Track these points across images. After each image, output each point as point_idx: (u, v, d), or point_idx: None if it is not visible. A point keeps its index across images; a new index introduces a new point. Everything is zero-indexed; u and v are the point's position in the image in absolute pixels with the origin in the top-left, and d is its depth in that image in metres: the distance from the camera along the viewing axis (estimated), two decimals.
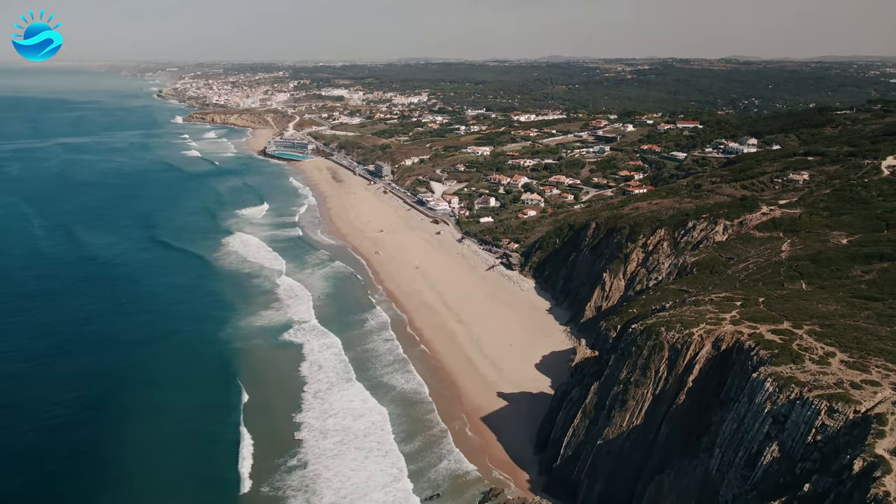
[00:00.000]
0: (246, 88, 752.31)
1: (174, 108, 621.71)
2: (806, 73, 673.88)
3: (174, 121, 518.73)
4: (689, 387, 74.84)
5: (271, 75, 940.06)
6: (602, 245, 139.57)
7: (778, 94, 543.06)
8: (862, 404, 56.81)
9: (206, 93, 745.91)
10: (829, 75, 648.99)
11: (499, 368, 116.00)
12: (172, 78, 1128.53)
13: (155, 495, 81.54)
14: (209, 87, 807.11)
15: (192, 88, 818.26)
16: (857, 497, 48.96)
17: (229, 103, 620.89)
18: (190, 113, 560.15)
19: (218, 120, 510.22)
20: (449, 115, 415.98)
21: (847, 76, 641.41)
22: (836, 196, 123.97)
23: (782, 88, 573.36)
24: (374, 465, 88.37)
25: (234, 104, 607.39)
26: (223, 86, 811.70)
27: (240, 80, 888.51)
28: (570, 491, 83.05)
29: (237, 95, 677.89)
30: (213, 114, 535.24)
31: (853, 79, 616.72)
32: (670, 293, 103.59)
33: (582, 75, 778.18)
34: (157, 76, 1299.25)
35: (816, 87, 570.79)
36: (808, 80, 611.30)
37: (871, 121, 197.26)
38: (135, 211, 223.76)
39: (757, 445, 62.34)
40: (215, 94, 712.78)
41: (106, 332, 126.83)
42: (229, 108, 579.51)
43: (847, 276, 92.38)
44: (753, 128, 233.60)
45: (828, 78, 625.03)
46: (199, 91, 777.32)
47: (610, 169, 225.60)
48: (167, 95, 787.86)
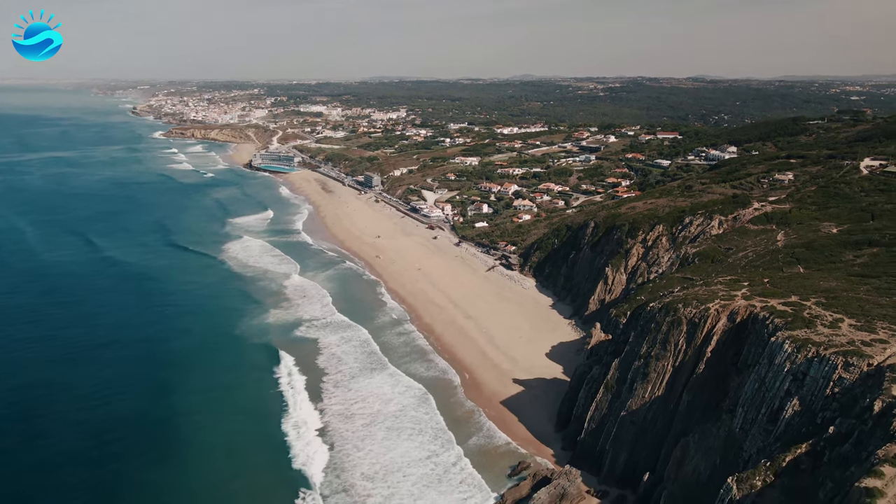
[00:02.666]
0: (223, 105, 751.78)
1: (151, 125, 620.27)
2: (771, 91, 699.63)
3: (153, 136, 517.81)
4: (708, 357, 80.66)
5: (246, 92, 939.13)
6: (602, 242, 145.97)
7: (746, 109, 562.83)
8: (874, 358, 62.94)
9: (182, 109, 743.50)
10: (792, 93, 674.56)
11: (511, 358, 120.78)
12: (145, 95, 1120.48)
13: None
14: (185, 104, 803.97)
15: (168, 105, 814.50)
16: (880, 433, 54.74)
17: (207, 119, 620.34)
18: (169, 129, 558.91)
19: (198, 135, 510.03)
20: (432, 128, 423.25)
21: (810, 93, 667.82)
22: (821, 192, 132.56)
23: (750, 105, 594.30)
24: (407, 443, 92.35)
25: (212, 120, 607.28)
26: (199, 102, 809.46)
27: (215, 97, 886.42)
28: (595, 462, 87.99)
29: (215, 112, 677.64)
30: (193, 129, 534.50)
31: (816, 96, 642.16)
32: (676, 280, 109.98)
33: (556, 93, 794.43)
34: (128, 94, 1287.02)
35: (782, 103, 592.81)
36: (773, 97, 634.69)
37: (843, 129, 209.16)
38: (147, 219, 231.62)
39: (778, 402, 68.00)
40: (192, 111, 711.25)
41: (146, 327, 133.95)
42: (208, 123, 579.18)
43: (840, 261, 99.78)
44: (732, 136, 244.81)
45: (792, 95, 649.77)
46: (175, 108, 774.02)
47: (597, 176, 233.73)
48: (142, 112, 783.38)
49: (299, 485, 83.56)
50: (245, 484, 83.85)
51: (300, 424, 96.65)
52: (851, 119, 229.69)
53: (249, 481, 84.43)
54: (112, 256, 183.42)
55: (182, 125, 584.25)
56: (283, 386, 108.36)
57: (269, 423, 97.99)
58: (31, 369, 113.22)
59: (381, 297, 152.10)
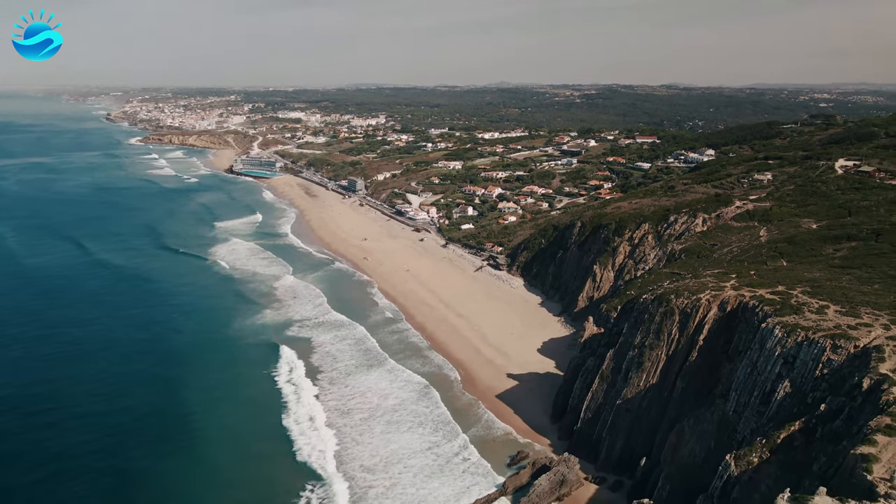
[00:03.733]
0: (199, 111, 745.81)
1: (127, 131, 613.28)
2: (742, 98, 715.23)
3: (130, 142, 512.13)
4: (700, 345, 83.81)
5: (223, 99, 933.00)
6: (589, 241, 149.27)
7: (719, 116, 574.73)
8: (860, 340, 66.52)
9: (158, 116, 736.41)
10: (763, 100, 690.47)
11: (505, 354, 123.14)
12: (118, 102, 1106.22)
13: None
14: (160, 111, 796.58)
15: (143, 112, 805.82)
16: (869, 408, 58.04)
17: (184, 125, 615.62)
18: (146, 135, 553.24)
19: (176, 141, 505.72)
20: (413, 133, 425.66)
21: (780, 100, 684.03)
22: (800, 191, 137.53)
23: (723, 111, 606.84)
24: (408, 435, 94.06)
25: (189, 126, 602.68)
26: (175, 109, 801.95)
27: (191, 103, 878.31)
28: (592, 449, 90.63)
29: (192, 118, 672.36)
30: (171, 135, 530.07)
31: (786, 103, 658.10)
32: (664, 275, 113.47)
33: (533, 99, 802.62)
34: (100, 100, 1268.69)
35: (754, 110, 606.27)
36: (745, 104, 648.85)
37: (816, 132, 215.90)
38: (135, 223, 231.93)
39: (770, 385, 71.24)
40: (168, 117, 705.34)
41: (145, 328, 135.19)
42: (185, 129, 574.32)
43: (821, 254, 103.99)
44: (709, 140, 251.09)
45: (763, 102, 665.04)
46: (151, 114, 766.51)
47: (580, 179, 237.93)
48: (117, 119, 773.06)
49: (307, 477, 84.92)
50: (253, 476, 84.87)
51: (302, 420, 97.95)
52: (823, 123, 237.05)
53: (257, 473, 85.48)
54: (105, 259, 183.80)
55: (159, 131, 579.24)
56: (282, 383, 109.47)
57: (270, 419, 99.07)
58: (38, 367, 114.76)
59: (373, 297, 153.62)
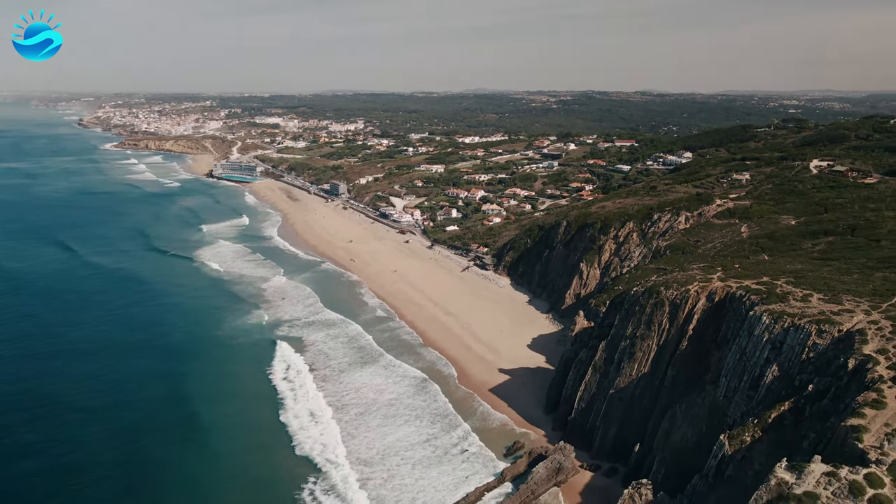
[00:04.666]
0: (175, 117, 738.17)
1: (101, 136, 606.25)
2: (714, 104, 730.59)
3: (105, 147, 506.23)
4: (690, 335, 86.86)
5: (198, 104, 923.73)
6: (575, 240, 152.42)
7: (693, 121, 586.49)
8: (844, 325, 69.92)
9: (132, 121, 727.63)
10: (734, 106, 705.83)
11: (495, 350, 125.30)
12: (90, 108, 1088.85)
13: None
14: (135, 116, 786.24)
15: (117, 117, 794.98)
16: (854, 386, 61.25)
17: (160, 131, 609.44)
18: (121, 140, 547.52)
19: (153, 146, 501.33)
20: (394, 138, 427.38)
21: (751, 106, 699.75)
22: (777, 189, 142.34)
23: (696, 117, 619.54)
24: (406, 427, 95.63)
25: (165, 132, 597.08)
26: (150, 114, 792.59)
27: (166, 108, 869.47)
28: (586, 438, 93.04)
29: (167, 123, 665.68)
30: (147, 140, 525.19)
31: (756, 109, 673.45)
32: (651, 271, 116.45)
33: (510, 105, 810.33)
34: (71, 106, 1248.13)
35: (726, 115, 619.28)
36: (717, 110, 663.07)
37: (789, 135, 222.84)
38: (122, 226, 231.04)
39: (759, 369, 74.36)
40: (143, 123, 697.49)
41: (144, 328, 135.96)
42: (162, 135, 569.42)
43: (801, 248, 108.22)
44: (686, 143, 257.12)
45: (734, 108, 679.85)
46: (125, 119, 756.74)
47: (562, 181, 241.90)
48: (89, 124, 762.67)
49: (308, 470, 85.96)
50: (253, 471, 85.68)
51: (300, 414, 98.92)
52: (795, 127, 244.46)
53: (257, 468, 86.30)
54: (96, 262, 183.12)
55: (134, 136, 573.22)
56: (278, 380, 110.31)
57: (268, 415, 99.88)
58: (38, 365, 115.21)
59: (362, 297, 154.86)
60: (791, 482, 47.00)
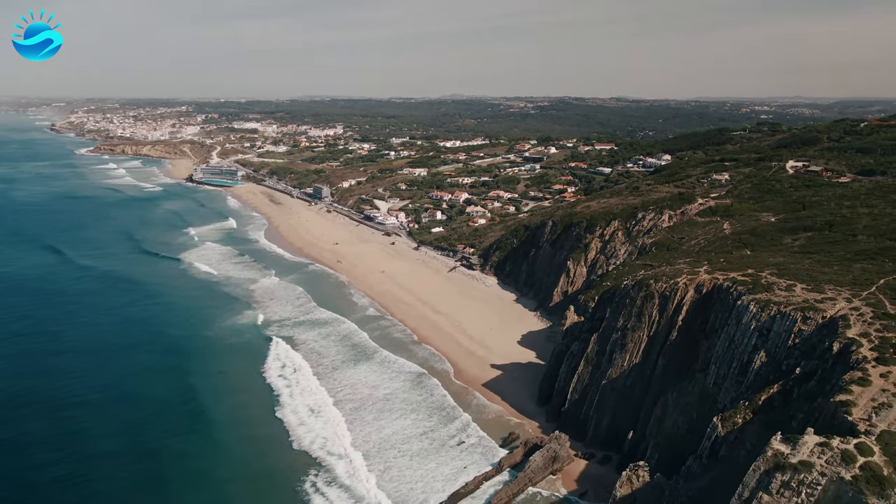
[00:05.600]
0: (151, 122, 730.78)
1: (75, 141, 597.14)
2: (689, 110, 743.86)
3: (80, 152, 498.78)
4: (679, 325, 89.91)
5: (174, 110, 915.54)
6: (561, 239, 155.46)
7: (668, 126, 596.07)
8: (827, 312, 73.38)
9: (107, 126, 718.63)
10: (708, 112, 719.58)
11: (486, 346, 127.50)
12: (61, 113, 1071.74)
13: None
14: (109, 121, 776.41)
15: (91, 122, 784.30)
16: (840, 368, 64.50)
17: (136, 136, 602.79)
18: (96, 145, 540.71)
19: (129, 151, 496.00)
20: (375, 142, 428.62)
21: (724, 112, 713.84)
22: (756, 189, 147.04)
23: (671, 122, 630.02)
24: (403, 420, 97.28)
25: (141, 137, 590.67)
26: (125, 119, 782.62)
27: (141, 114, 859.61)
28: (580, 428, 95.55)
29: (143, 128, 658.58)
30: (123, 145, 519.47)
31: (729, 114, 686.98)
32: (637, 267, 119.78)
33: (488, 111, 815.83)
34: (42, 111, 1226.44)
35: (700, 121, 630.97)
36: (691, 116, 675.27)
37: (764, 138, 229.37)
38: (110, 230, 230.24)
39: (747, 356, 77.53)
40: (118, 128, 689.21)
41: (142, 328, 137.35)
42: (138, 140, 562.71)
43: (781, 244, 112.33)
44: (665, 146, 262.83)
45: (708, 114, 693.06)
46: (99, 124, 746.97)
47: (544, 184, 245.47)
48: (62, 129, 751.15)
49: (308, 464, 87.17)
50: (253, 467, 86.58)
51: (299, 410, 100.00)
52: (770, 130, 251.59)
53: (257, 464, 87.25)
54: (89, 265, 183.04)
55: (109, 141, 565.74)
56: (273, 377, 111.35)
57: (265, 411, 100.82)
58: (39, 363, 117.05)
59: (352, 297, 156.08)
60: (786, 453, 49.81)
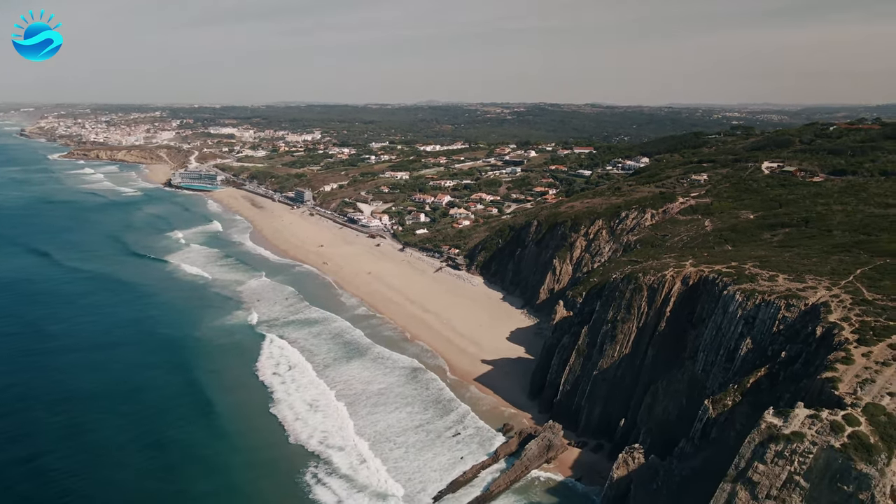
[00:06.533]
0: (125, 127, 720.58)
1: (47, 146, 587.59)
2: (662, 116, 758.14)
3: (53, 157, 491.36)
4: (667, 316, 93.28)
5: (148, 115, 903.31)
6: (546, 238, 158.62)
7: (642, 131, 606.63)
8: (809, 299, 77.14)
9: (79, 131, 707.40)
10: (681, 117, 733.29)
11: (476, 343, 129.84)
12: (30, 118, 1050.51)
13: None
14: (81, 126, 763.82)
15: (62, 127, 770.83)
16: (823, 351, 68.08)
17: (109, 141, 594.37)
18: (69, 150, 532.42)
19: (104, 156, 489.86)
20: (355, 147, 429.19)
21: (696, 118, 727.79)
22: (734, 188, 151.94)
23: (645, 127, 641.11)
24: (398, 413, 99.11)
25: (115, 142, 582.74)
26: (97, 124, 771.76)
27: (113, 119, 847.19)
28: (573, 418, 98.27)
29: (117, 134, 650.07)
30: (97, 150, 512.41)
31: (702, 120, 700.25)
32: (623, 263, 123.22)
33: (465, 116, 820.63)
34: (9, 116, 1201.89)
35: (673, 126, 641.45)
36: (664, 121, 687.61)
37: (738, 141, 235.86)
38: (96, 233, 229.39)
39: (734, 343, 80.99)
40: (91, 133, 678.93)
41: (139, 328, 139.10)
42: (112, 145, 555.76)
43: (761, 239, 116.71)
44: (643, 149, 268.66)
45: (680, 119, 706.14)
46: (71, 129, 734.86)
47: (525, 186, 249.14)
48: (32, 134, 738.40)
49: (306, 458, 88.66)
50: (251, 462, 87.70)
51: (295, 405, 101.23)
52: (744, 133, 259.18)
53: (255, 459, 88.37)
54: (80, 268, 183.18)
55: (83, 147, 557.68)
56: (268, 374, 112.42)
57: (260, 408, 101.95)
58: (39, 360, 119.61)
59: (340, 298, 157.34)
60: (779, 425, 52.92)
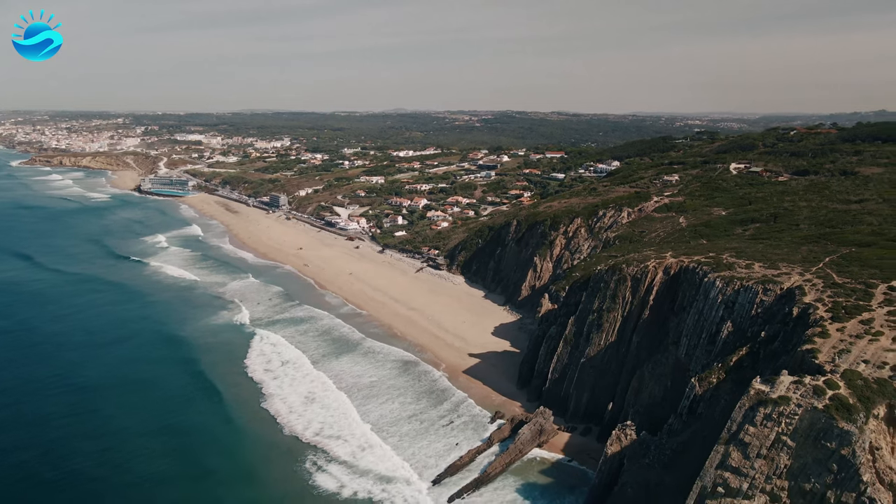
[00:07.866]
0: (87, 134, 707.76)
1: (7, 153, 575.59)
2: (627, 123, 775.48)
3: (14, 164, 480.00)
4: (651, 304, 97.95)
5: (111, 122, 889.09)
6: (526, 236, 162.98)
7: (608, 139, 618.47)
8: (784, 284, 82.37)
9: (39, 138, 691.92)
10: (645, 125, 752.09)
11: (462, 338, 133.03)
12: None
13: None
14: (41, 133, 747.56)
15: (21, 134, 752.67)
16: (800, 330, 73.05)
17: (72, 148, 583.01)
18: (29, 157, 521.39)
19: (68, 163, 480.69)
20: (328, 152, 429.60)
21: (659, 126, 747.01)
22: (705, 187, 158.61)
23: (611, 135, 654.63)
24: (391, 404, 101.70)
25: (78, 148, 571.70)
26: (58, 131, 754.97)
27: (74, 125, 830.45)
28: (561, 405, 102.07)
29: (79, 140, 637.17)
30: (61, 157, 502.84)
31: (665, 128, 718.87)
32: (604, 258, 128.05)
33: (433, 123, 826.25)
34: None
35: (638, 133, 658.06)
36: (629, 129, 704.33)
37: (704, 145, 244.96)
38: (75, 237, 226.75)
39: (715, 327, 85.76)
40: (51, 140, 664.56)
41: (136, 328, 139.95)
42: (75, 152, 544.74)
43: (734, 234, 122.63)
44: (614, 153, 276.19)
45: (645, 127, 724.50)
46: (30, 136, 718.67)
47: (500, 189, 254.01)
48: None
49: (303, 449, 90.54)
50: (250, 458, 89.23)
51: (288, 399, 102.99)
52: (709, 138, 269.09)
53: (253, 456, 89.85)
54: (68, 270, 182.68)
55: (45, 153, 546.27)
56: (258, 373, 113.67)
57: (253, 404, 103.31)
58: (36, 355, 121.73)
59: (325, 297, 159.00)
60: (766, 391, 57.33)
